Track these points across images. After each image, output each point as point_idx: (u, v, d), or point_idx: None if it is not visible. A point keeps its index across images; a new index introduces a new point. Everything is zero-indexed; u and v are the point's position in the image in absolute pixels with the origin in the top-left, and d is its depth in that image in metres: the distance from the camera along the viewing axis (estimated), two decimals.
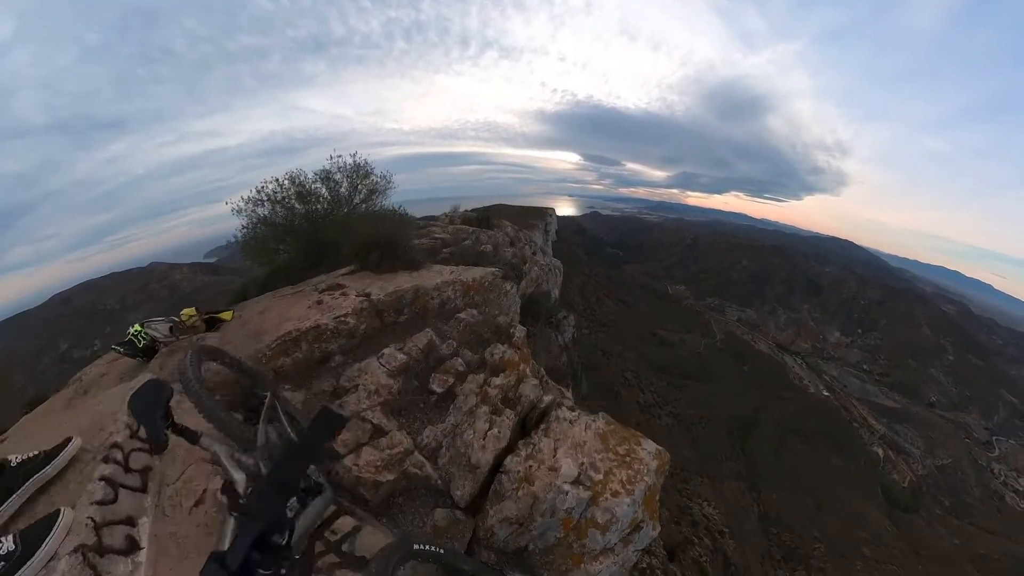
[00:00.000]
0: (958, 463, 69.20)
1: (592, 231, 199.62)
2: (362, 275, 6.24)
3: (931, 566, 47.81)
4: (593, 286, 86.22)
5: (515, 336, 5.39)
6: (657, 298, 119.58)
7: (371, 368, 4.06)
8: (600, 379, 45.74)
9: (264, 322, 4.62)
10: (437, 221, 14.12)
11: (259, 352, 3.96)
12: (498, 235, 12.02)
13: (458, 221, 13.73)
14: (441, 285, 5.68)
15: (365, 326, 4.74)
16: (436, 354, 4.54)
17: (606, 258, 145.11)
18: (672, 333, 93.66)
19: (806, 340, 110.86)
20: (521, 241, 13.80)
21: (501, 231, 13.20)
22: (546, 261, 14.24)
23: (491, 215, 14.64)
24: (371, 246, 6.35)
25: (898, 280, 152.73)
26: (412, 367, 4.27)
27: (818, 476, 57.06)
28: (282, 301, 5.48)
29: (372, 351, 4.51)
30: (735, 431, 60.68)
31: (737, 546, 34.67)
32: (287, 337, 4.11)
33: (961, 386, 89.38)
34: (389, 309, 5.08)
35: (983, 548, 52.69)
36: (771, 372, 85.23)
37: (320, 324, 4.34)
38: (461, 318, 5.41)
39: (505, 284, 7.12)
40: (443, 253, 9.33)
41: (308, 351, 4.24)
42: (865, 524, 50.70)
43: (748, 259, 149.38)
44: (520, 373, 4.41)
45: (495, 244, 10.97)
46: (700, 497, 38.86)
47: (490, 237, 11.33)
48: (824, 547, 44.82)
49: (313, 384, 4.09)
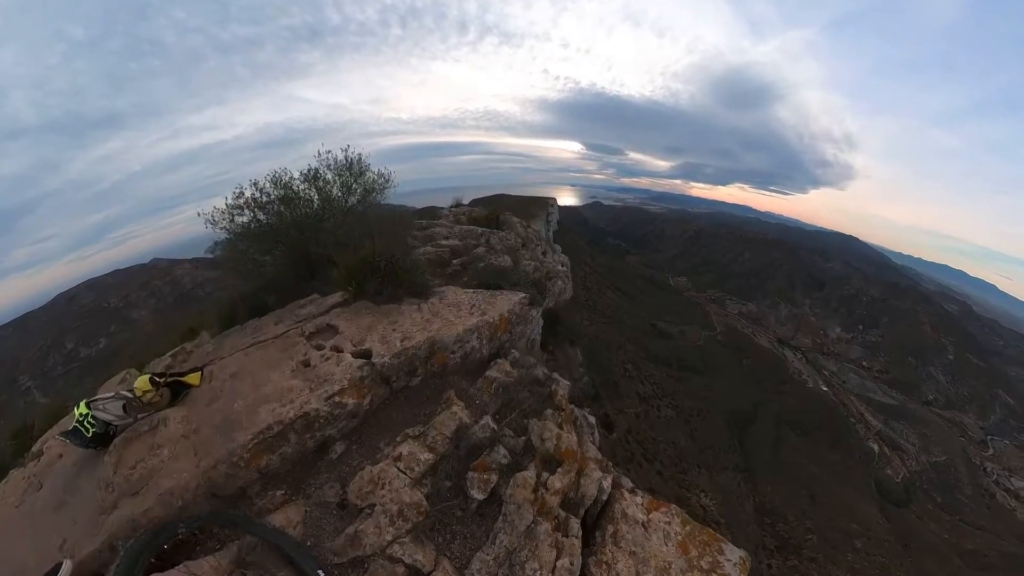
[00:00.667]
0: (952, 461, 69.89)
1: (594, 221, 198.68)
2: (358, 308, 5.11)
3: (920, 559, 48.67)
4: (595, 277, 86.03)
5: (559, 394, 4.34)
6: (658, 289, 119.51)
7: (388, 477, 3.07)
8: (601, 370, 45.84)
9: (237, 397, 3.65)
10: (441, 219, 12.79)
11: (233, 455, 3.07)
12: (510, 237, 10.26)
13: (464, 220, 12.51)
14: (463, 336, 4.46)
15: (369, 400, 3.77)
16: (469, 439, 3.52)
17: (608, 249, 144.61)
18: (672, 325, 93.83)
19: (807, 335, 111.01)
20: (533, 242, 12.59)
21: (512, 231, 11.40)
22: (557, 261, 13.08)
23: (498, 211, 13.21)
24: (368, 270, 5.20)
25: (901, 278, 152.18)
26: (441, 465, 3.31)
27: (814, 469, 57.72)
28: (260, 354, 4.44)
29: (382, 433, 3.61)
30: (733, 424, 61.17)
31: (732, 536, 35.21)
32: (268, 433, 3.24)
33: (959, 385, 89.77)
34: (398, 372, 4.04)
35: (971, 544, 53.56)
36: (771, 366, 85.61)
37: (308, 411, 3.40)
38: (492, 377, 4.32)
39: (532, 311, 5.99)
40: (453, 265, 7.79)
41: (299, 442, 3.37)
42: (857, 517, 51.45)
43: (751, 252, 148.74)
44: (580, 462, 3.56)
45: (511, 250, 9.23)
46: (698, 488, 39.31)
47: (502, 241, 9.57)
48: (817, 538, 45.53)
49: (312, 488, 3.19)
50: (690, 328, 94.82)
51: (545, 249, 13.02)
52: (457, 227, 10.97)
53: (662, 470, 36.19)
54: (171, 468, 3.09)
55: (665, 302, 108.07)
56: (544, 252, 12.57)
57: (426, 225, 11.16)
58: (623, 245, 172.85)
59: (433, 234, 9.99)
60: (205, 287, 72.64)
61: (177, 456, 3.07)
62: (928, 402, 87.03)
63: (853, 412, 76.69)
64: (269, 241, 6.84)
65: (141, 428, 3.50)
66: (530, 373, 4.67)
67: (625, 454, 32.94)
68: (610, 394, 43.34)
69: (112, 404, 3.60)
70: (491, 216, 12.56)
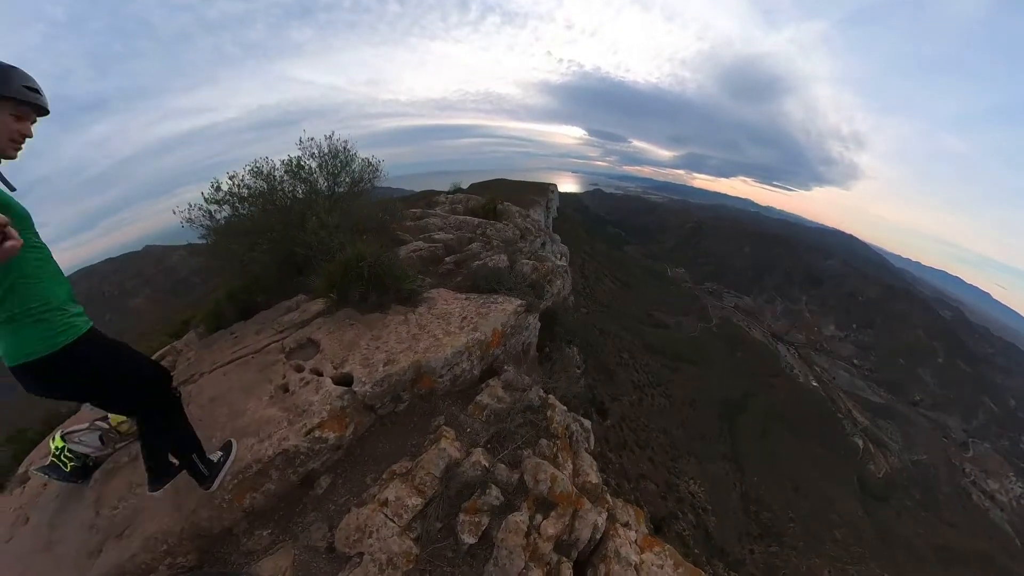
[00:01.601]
0: (933, 460, 71.72)
1: (594, 209, 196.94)
2: (340, 319, 4.81)
3: (894, 551, 50.37)
4: (593, 265, 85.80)
5: (554, 420, 4.12)
6: (656, 280, 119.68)
7: (375, 524, 2.99)
8: (596, 358, 46.05)
9: (215, 429, 3.52)
10: (437, 207, 12.36)
11: (215, 496, 3.03)
12: (507, 229, 9.80)
13: (460, 210, 12.01)
14: (452, 359, 4.18)
15: (352, 429, 3.67)
16: (459, 478, 3.39)
17: (607, 237, 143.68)
18: (668, 315, 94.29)
19: (801, 331, 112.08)
20: (532, 233, 12.14)
21: (510, 222, 10.81)
22: (556, 252, 12.26)
23: (497, 199, 12.62)
24: (351, 276, 4.85)
25: (898, 280, 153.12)
26: (430, 507, 3.24)
27: (799, 461, 59.04)
28: (238, 376, 4.23)
29: (368, 465, 3.50)
30: (724, 414, 62.12)
31: (718, 522, 36.08)
32: (248, 472, 3.18)
33: (946, 389, 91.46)
34: (382, 399, 3.93)
35: (944, 539, 55.40)
36: (763, 359, 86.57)
37: (287, 448, 3.28)
38: (483, 404, 4.08)
39: (529, 318, 5.59)
40: (446, 264, 7.27)
41: (282, 478, 3.29)
42: (838, 509, 52.95)
43: (751, 246, 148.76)
44: (575, 503, 3.49)
45: (508, 243, 8.69)
46: (687, 475, 40.04)
47: (499, 233, 9.02)
48: (798, 527, 46.87)
49: (299, 527, 3.11)
50: (686, 319, 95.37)
51: (544, 240, 12.45)
52: (452, 217, 10.29)
53: (653, 457, 36.74)
54: (154, 509, 2.98)
55: (662, 293, 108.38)
56: (543, 243, 12.05)
57: (420, 215, 10.45)
58: (623, 234, 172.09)
59: (427, 225, 9.40)
60: (200, 273, 72.27)
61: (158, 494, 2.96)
62: (915, 403, 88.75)
63: (841, 408, 78.05)
64: (252, 237, 6.16)
65: (121, 459, 3.35)
66: (524, 398, 4.38)
67: (618, 440, 33.36)
68: (605, 381, 43.66)
69: (88, 436, 3.44)
70: (489, 206, 11.93)
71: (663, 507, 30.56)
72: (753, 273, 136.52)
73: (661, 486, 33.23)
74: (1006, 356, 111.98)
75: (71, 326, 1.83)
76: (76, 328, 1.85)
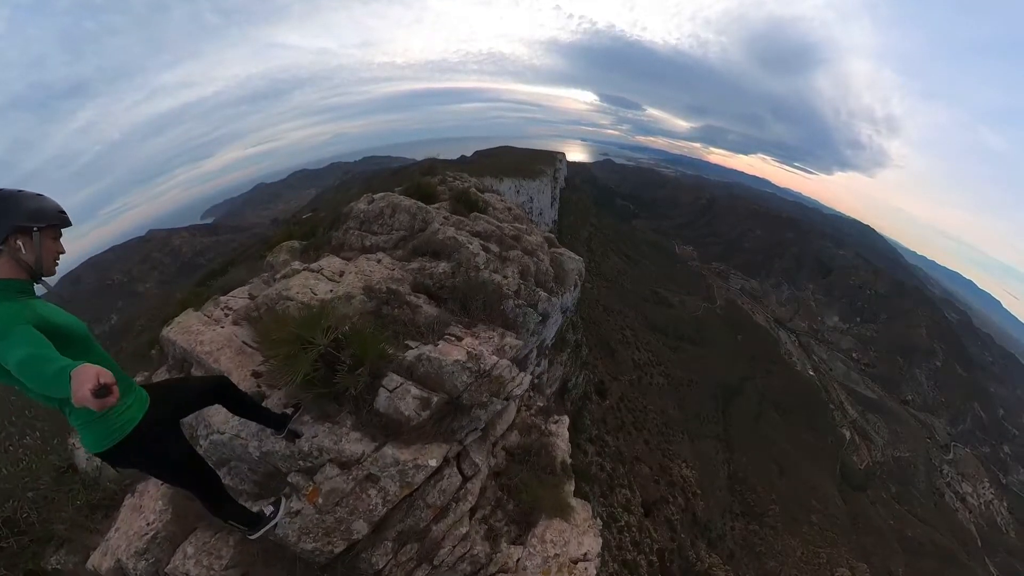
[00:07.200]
0: (914, 458, 73.56)
1: (603, 180, 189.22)
2: None
3: (864, 538, 52.54)
4: (600, 239, 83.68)
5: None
6: (664, 256, 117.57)
7: None
8: (598, 335, 45.55)
9: None
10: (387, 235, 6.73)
11: None
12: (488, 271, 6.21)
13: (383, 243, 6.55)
14: None
15: None
16: None
17: (616, 210, 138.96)
18: (673, 294, 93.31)
19: (804, 319, 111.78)
20: (525, 242, 7.95)
21: (492, 223, 7.84)
22: (568, 271, 8.27)
23: (472, 189, 9.31)
24: None
25: (909, 277, 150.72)
26: None
27: (787, 446, 60.39)
28: None
29: None
30: (720, 396, 62.79)
31: (706, 505, 37.01)
32: None
33: (938, 391, 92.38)
34: None
35: (912, 532, 57.74)
36: (763, 344, 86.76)
37: None
38: None
39: None
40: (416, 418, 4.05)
41: None
42: (818, 494, 54.73)
43: (762, 229, 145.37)
44: None
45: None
46: (680, 458, 40.64)
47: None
48: (779, 509, 48.53)
49: None
50: (691, 298, 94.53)
51: (542, 257, 7.53)
52: (399, 265, 5.78)
53: (649, 439, 37.09)
54: None
55: (669, 270, 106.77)
56: (541, 264, 7.23)
57: None
58: (632, 207, 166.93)
59: None
60: (205, 254, 72.89)
61: None
62: (905, 401, 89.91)
63: (833, 399, 79.11)
64: None
65: None
66: None
67: (616, 422, 33.42)
68: (606, 359, 43.36)
69: None
70: (471, 198, 8.35)
71: (655, 492, 31.05)
72: (762, 256, 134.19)
73: (655, 469, 33.67)
74: (1003, 366, 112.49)
75: (121, 425, 1.97)
76: (129, 424, 1.99)
